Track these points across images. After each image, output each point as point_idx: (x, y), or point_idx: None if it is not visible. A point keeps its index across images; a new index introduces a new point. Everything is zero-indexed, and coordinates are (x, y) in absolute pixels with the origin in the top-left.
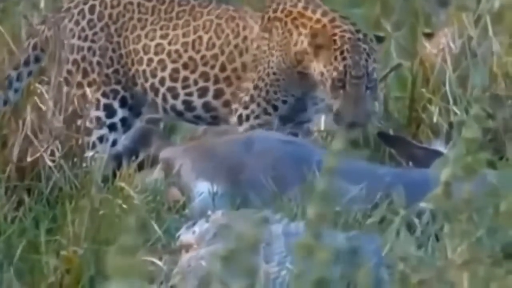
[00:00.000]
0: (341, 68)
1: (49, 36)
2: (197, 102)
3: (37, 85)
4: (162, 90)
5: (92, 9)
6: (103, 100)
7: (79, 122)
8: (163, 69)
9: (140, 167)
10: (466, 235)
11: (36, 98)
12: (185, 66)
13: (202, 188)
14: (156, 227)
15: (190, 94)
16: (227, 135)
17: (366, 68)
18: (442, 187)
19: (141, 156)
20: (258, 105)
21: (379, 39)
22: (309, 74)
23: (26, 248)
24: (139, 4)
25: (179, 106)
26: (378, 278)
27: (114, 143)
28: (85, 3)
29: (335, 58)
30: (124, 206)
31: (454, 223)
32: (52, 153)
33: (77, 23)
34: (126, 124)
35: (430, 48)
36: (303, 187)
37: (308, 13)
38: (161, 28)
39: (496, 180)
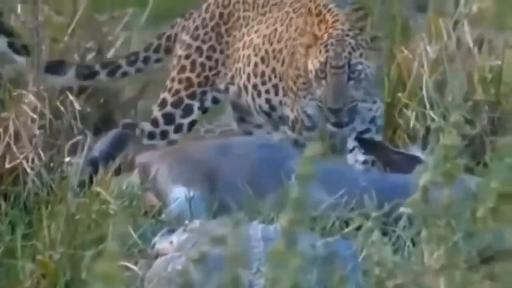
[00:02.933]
0: (323, 59)
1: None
2: (275, 100)
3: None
4: (250, 88)
5: (207, 8)
6: (187, 101)
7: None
8: (249, 64)
9: (117, 172)
10: (443, 240)
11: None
12: (262, 59)
13: (179, 193)
14: (132, 232)
15: (268, 92)
16: (203, 140)
17: (349, 60)
18: (421, 192)
19: (118, 161)
20: (297, 113)
21: (373, 39)
22: None
23: (2, 253)
24: (244, 2)
25: (264, 105)
26: (354, 282)
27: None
28: (204, 2)
29: (320, 52)
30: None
31: (431, 228)
32: (30, 159)
33: (193, 21)
34: (191, 127)
35: (407, 52)
36: (278, 194)
37: (325, 12)
38: (257, 23)
39: (473, 185)
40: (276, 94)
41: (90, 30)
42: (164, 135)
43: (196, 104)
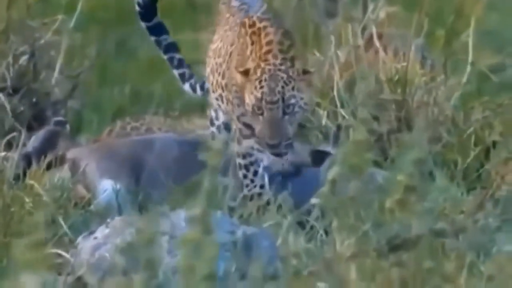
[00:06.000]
0: (259, 95)
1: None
2: (223, 107)
3: None
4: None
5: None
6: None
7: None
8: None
9: (49, 166)
10: (353, 230)
11: None
12: (211, 71)
13: (106, 185)
14: (63, 222)
15: (217, 99)
16: (129, 136)
17: (283, 94)
18: (329, 185)
19: (50, 156)
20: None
21: (305, 72)
22: None
23: None
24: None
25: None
26: (272, 270)
27: None
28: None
29: (255, 87)
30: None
31: (342, 218)
32: None
33: None
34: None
35: (319, 55)
36: (188, 185)
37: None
38: (216, 33)
39: (381, 178)
40: (223, 102)
41: (23, 35)
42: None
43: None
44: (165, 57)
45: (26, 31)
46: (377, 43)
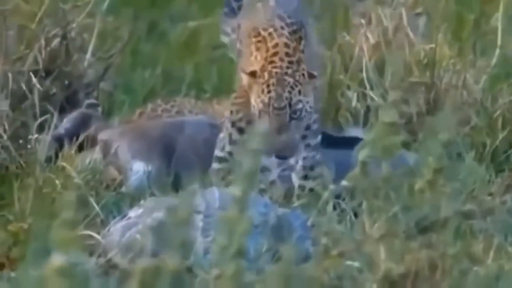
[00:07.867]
0: (266, 100)
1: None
2: None
3: None
4: None
5: None
6: None
7: None
8: None
9: (80, 148)
10: (383, 211)
11: None
12: None
13: (138, 167)
14: (94, 203)
15: None
16: (160, 118)
17: (290, 100)
18: (360, 167)
19: (81, 138)
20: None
21: (311, 76)
22: None
23: None
24: None
25: None
26: (304, 250)
27: None
28: None
29: (262, 91)
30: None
31: (371, 200)
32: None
33: None
34: None
35: (349, 38)
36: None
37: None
38: None
39: (411, 160)
40: None
41: (56, 18)
42: None
43: None
44: None
45: (59, 14)
46: (407, 26)
